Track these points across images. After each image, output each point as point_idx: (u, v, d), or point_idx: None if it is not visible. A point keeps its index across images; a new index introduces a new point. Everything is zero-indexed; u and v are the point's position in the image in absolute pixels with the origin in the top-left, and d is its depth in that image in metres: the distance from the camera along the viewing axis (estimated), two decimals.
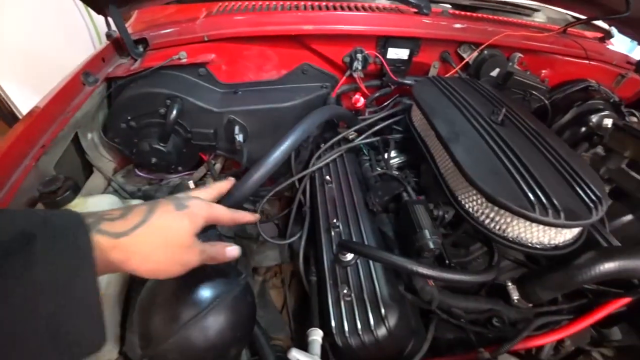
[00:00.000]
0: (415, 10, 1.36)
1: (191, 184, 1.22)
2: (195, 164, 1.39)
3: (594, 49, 1.58)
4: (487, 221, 0.81)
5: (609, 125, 1.36)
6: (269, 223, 1.53)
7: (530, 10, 1.66)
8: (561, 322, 0.90)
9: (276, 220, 1.57)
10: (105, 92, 1.28)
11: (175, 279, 0.78)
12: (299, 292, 1.32)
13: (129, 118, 1.25)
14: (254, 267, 1.42)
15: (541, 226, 0.75)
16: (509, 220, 0.77)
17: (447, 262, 0.85)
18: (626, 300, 0.88)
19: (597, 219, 0.77)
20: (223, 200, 0.97)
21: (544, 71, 1.53)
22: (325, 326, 0.84)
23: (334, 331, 0.81)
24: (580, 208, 0.75)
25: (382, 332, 0.78)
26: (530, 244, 0.79)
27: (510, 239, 0.80)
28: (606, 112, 1.48)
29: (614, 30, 1.75)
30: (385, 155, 1.19)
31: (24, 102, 2.09)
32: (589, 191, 0.79)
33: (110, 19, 1.26)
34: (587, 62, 1.53)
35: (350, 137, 1.30)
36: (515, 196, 0.75)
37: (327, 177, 1.16)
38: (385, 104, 1.42)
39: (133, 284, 0.98)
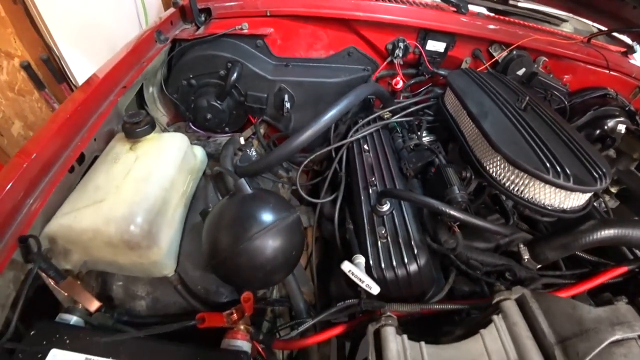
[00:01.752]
0: (455, 9, 1.51)
1: (242, 140, 1.36)
2: (241, 126, 1.54)
3: (615, 60, 1.71)
4: (507, 183, 0.95)
5: (623, 130, 1.50)
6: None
7: (558, 20, 1.79)
8: (563, 286, 1.02)
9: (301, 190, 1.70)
10: (169, 52, 1.43)
11: (240, 203, 0.93)
12: (321, 255, 1.45)
13: (190, 76, 1.40)
14: None
15: (553, 188, 0.89)
16: (526, 182, 0.91)
17: None
18: (623, 269, 1.02)
19: (602, 188, 0.90)
20: (274, 152, 1.12)
21: (566, 76, 1.66)
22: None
23: (372, 265, 0.94)
24: (587, 177, 0.89)
25: (413, 267, 0.92)
26: (542, 205, 0.93)
27: (526, 199, 0.94)
28: (621, 119, 1.61)
29: (636, 45, 1.87)
30: (418, 133, 1.33)
31: (75, 64, 2.21)
32: (595, 166, 0.92)
33: None
34: (607, 71, 1.66)
35: (386, 116, 1.44)
36: (533, 161, 0.89)
37: (365, 147, 1.30)
38: (420, 90, 1.57)
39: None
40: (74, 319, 0.81)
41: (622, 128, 1.50)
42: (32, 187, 0.83)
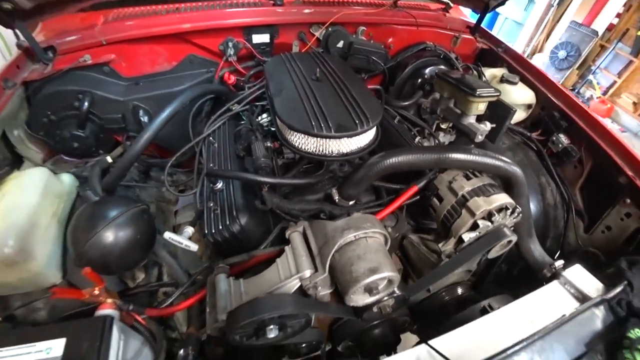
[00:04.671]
0: (273, 2, 1.73)
1: (108, 158, 1.53)
2: (112, 145, 1.71)
3: (430, 17, 2.00)
4: (298, 145, 1.19)
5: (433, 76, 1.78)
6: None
7: None
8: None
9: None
10: (24, 94, 1.56)
11: (83, 210, 1.12)
12: None
13: (48, 113, 1.55)
14: (174, 226, 1.76)
15: (324, 139, 1.13)
16: (307, 140, 1.16)
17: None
18: (414, 189, 1.29)
19: (366, 129, 1.15)
20: (119, 160, 1.31)
21: (390, 39, 1.93)
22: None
23: (207, 233, 1.17)
24: (349, 124, 1.14)
25: (236, 227, 1.16)
26: (326, 155, 1.17)
27: (315, 153, 1.18)
28: (440, 66, 1.90)
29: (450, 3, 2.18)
30: (256, 117, 1.55)
31: None
32: (360, 113, 1.18)
33: (17, 31, 1.53)
34: (422, 28, 1.94)
35: (234, 108, 1.65)
36: (304, 122, 1.13)
37: (211, 139, 1.51)
38: (261, 79, 1.78)
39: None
40: None
41: (432, 74, 1.79)
42: None
